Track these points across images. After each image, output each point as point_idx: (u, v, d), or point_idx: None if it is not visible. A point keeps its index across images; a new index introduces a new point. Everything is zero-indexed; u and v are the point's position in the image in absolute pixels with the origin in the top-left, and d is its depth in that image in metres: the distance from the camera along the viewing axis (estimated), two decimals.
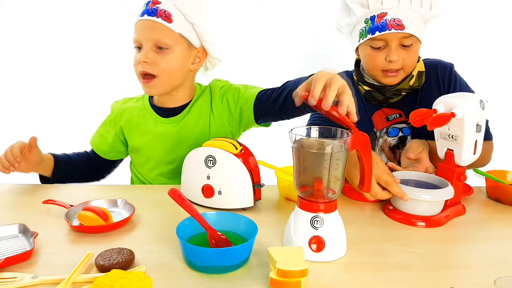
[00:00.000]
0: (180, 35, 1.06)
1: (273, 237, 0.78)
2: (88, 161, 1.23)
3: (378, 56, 1.09)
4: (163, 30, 1.04)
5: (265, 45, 1.75)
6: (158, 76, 1.06)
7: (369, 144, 0.77)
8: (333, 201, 0.71)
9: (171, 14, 1.04)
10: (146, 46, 1.05)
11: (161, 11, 1.03)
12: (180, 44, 1.07)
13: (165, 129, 1.15)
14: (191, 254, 0.65)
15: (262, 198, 0.94)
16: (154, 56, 1.05)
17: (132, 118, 1.18)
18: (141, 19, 1.06)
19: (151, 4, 1.04)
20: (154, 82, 1.07)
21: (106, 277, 0.57)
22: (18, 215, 0.84)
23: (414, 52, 1.09)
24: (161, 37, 1.04)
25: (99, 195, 0.95)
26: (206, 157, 0.88)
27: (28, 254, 0.67)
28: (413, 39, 1.06)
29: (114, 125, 1.21)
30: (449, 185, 0.90)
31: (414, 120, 0.88)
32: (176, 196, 0.74)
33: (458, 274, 0.68)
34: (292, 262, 0.59)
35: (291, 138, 0.69)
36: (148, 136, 1.16)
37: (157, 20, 1.03)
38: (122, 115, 1.20)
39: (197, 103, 1.17)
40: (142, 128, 1.17)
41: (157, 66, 1.05)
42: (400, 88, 1.14)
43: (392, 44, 1.06)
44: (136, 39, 1.07)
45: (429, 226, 0.86)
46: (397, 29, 1.03)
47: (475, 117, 0.88)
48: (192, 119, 1.16)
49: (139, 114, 1.18)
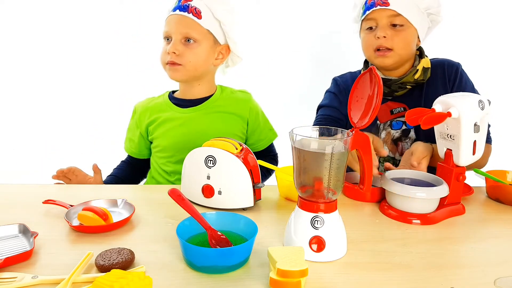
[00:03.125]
0: (208, 31, 1.15)
1: (273, 237, 0.78)
2: (130, 168, 1.32)
3: (370, 35, 1.16)
4: (193, 25, 1.13)
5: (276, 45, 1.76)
6: (183, 65, 1.15)
7: (369, 144, 0.77)
8: (333, 201, 0.71)
9: (201, 11, 1.13)
10: (176, 38, 1.14)
11: (192, 8, 1.13)
12: (207, 39, 1.16)
13: (185, 117, 1.22)
14: (191, 254, 0.65)
15: (262, 198, 0.94)
16: (182, 48, 1.14)
17: (155, 115, 1.24)
18: (173, 14, 1.15)
19: (184, 1, 1.13)
20: (179, 67, 1.15)
21: (106, 277, 0.56)
22: (18, 215, 0.84)
23: (405, 34, 1.13)
24: (190, 31, 1.13)
25: (99, 195, 0.95)
26: (206, 157, 0.88)
27: (28, 254, 0.67)
28: (403, 20, 1.12)
29: (139, 125, 1.27)
30: (444, 183, 0.91)
31: (410, 119, 0.88)
32: (176, 196, 0.74)
33: (458, 274, 0.68)
34: (292, 262, 0.59)
35: (291, 138, 0.69)
36: (168, 126, 1.22)
37: (188, 16, 1.13)
38: (146, 113, 1.26)
39: (219, 101, 1.24)
40: (163, 120, 1.23)
41: (184, 57, 1.14)
42: (405, 81, 1.18)
43: (380, 22, 1.13)
44: (167, 31, 1.16)
45: (424, 224, 0.87)
46: (382, 5, 1.11)
47: (473, 117, 0.88)
48: (212, 113, 1.23)
49: (160, 109, 1.25)
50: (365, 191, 0.80)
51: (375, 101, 0.75)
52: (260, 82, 1.77)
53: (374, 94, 0.75)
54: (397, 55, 1.15)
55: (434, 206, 0.90)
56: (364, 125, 0.76)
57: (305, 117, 1.60)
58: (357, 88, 0.81)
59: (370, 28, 1.16)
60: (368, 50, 1.18)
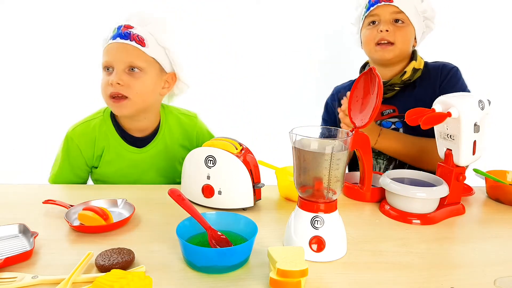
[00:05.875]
0: (153, 59, 1.08)
1: (273, 237, 0.78)
2: None
3: (372, 30, 1.22)
4: (137, 53, 1.05)
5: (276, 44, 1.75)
6: (130, 97, 1.06)
7: (369, 144, 0.77)
8: (333, 201, 0.71)
9: (144, 38, 1.05)
10: (118, 68, 1.05)
11: (134, 35, 1.05)
12: (153, 67, 1.09)
13: (134, 158, 1.15)
14: (191, 254, 0.65)
15: (262, 198, 0.94)
16: (127, 78, 1.05)
17: (102, 146, 1.14)
18: (113, 42, 1.06)
19: (123, 28, 1.06)
20: (125, 102, 1.06)
21: (106, 277, 0.56)
22: (18, 215, 0.84)
23: (405, 31, 1.20)
24: (135, 60, 1.05)
25: (99, 195, 0.95)
26: (206, 157, 0.88)
27: (28, 254, 0.67)
28: (404, 17, 1.19)
29: (84, 153, 1.14)
30: (444, 183, 0.91)
31: (410, 119, 0.88)
32: (176, 196, 0.74)
33: (458, 274, 0.68)
34: (292, 262, 0.59)
35: (291, 138, 0.69)
36: (118, 165, 1.15)
37: (131, 43, 1.04)
38: (88, 141, 1.14)
39: (165, 133, 1.19)
40: (112, 157, 1.15)
41: (130, 88, 1.05)
42: (393, 83, 1.22)
43: (383, 17, 1.20)
44: (108, 60, 1.06)
45: (424, 224, 0.87)
46: (386, 2, 1.18)
47: (473, 117, 0.88)
48: (159, 148, 1.18)
49: (105, 137, 1.14)
50: (365, 191, 0.80)
51: (375, 101, 0.75)
52: (260, 82, 1.77)
53: (374, 94, 0.76)
54: (398, 49, 1.19)
55: (434, 206, 0.90)
56: (364, 125, 0.77)
57: (305, 117, 1.61)
58: (357, 88, 0.81)
59: (372, 23, 1.22)
60: (369, 44, 1.23)
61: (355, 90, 0.81)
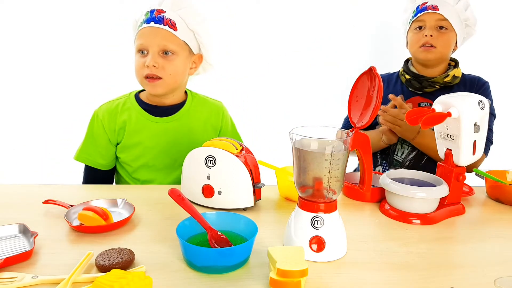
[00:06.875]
0: (184, 42, 1.14)
1: (273, 237, 0.78)
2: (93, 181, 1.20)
3: (418, 34, 1.34)
4: (170, 37, 1.11)
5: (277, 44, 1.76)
6: (164, 78, 1.12)
7: (369, 144, 0.77)
8: (333, 201, 0.71)
9: (176, 22, 1.11)
10: (153, 51, 1.10)
11: (167, 20, 1.10)
12: (183, 50, 1.15)
13: (159, 127, 1.19)
14: (191, 254, 0.65)
15: (262, 198, 0.94)
16: (161, 61, 1.11)
17: (122, 118, 1.18)
18: (147, 26, 1.11)
19: (156, 13, 1.11)
20: (160, 82, 1.12)
21: (106, 277, 0.56)
22: (18, 215, 0.84)
23: (447, 37, 1.32)
24: (168, 44, 1.11)
25: (99, 195, 0.95)
26: (206, 157, 0.88)
27: (28, 254, 0.67)
28: (447, 24, 1.30)
29: (107, 129, 1.18)
30: (444, 183, 0.91)
31: (410, 119, 0.88)
32: (176, 196, 0.74)
33: (458, 274, 0.68)
34: (292, 262, 0.59)
35: (291, 138, 0.69)
36: (142, 135, 1.18)
37: (164, 28, 1.10)
38: (111, 117, 1.18)
39: (191, 108, 1.24)
40: (134, 127, 1.18)
41: (164, 70, 1.11)
42: (435, 80, 1.34)
43: (429, 24, 1.31)
44: (142, 43, 1.12)
45: (424, 224, 0.87)
46: (433, 10, 1.31)
47: (473, 117, 0.88)
48: (183, 121, 1.21)
49: (128, 114, 1.19)
50: (365, 191, 0.80)
51: (375, 101, 0.75)
52: (260, 82, 1.77)
53: (374, 94, 0.76)
54: (439, 53, 1.32)
55: (434, 206, 0.90)
56: (364, 125, 0.77)
57: (305, 117, 1.61)
58: (357, 88, 0.81)
59: (419, 27, 1.34)
60: (414, 46, 1.35)
61: (355, 90, 0.81)
